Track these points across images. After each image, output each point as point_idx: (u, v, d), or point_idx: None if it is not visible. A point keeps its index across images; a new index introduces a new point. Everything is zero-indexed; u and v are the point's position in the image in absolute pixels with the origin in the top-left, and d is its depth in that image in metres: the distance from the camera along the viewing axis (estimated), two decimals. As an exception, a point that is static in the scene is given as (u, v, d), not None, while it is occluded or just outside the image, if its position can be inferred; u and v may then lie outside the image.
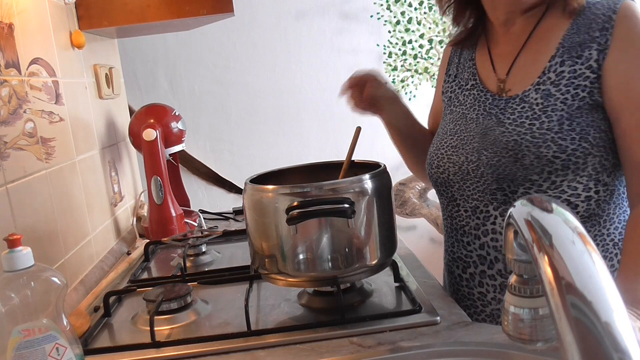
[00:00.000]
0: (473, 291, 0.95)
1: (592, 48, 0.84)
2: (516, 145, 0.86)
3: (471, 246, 0.94)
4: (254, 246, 0.88)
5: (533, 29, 0.91)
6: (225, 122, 2.13)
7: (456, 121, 0.99)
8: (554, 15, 0.90)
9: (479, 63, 1.00)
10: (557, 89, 0.86)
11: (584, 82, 0.84)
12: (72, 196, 1.14)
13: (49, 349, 0.65)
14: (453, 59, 1.08)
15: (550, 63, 0.88)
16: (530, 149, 0.84)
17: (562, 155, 0.82)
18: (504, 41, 0.96)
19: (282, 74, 2.12)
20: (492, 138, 0.89)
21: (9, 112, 0.90)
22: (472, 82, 0.99)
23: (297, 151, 2.16)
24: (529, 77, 0.90)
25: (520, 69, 0.92)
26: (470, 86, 0.99)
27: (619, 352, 0.33)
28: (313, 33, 2.11)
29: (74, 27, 1.27)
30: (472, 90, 0.98)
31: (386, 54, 2.15)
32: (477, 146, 0.92)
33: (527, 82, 0.90)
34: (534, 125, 0.85)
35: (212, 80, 2.09)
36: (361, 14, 2.11)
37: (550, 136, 0.83)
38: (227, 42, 2.07)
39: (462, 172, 0.93)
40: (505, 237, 0.55)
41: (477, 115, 0.95)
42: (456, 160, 0.95)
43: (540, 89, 0.87)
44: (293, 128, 2.16)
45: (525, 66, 0.91)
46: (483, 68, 0.99)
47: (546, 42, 0.90)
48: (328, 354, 0.75)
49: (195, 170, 2.12)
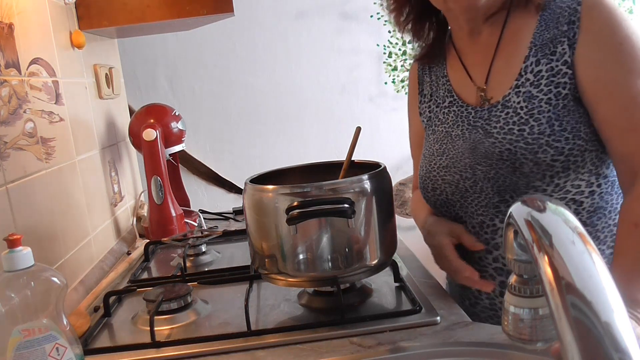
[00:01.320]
0: (495, 301, 0.93)
1: (564, 43, 0.83)
2: (511, 154, 0.84)
3: (484, 261, 0.92)
4: (254, 246, 0.88)
5: (501, 32, 0.90)
6: (225, 122, 2.13)
7: (441, 140, 0.97)
8: (518, 15, 0.89)
9: (452, 78, 0.98)
10: (538, 89, 0.84)
11: (562, 78, 0.83)
12: (72, 196, 1.14)
13: (49, 349, 0.65)
14: (423, 77, 1.05)
15: (525, 64, 0.86)
16: (527, 156, 0.83)
17: (560, 157, 0.82)
18: (475, 50, 0.95)
19: (282, 74, 2.12)
20: (482, 151, 0.88)
21: (9, 112, 0.90)
22: (450, 99, 0.97)
23: (297, 151, 2.16)
24: (506, 81, 0.88)
25: (497, 74, 0.90)
26: (449, 103, 0.97)
27: (619, 352, 0.33)
28: (313, 33, 2.11)
29: (74, 27, 1.27)
30: (451, 107, 0.96)
31: (386, 54, 2.15)
32: (469, 162, 0.90)
33: (505, 86, 0.88)
34: (524, 131, 0.84)
35: (212, 80, 2.09)
36: (361, 14, 2.11)
37: (544, 140, 0.82)
38: (227, 42, 2.07)
39: (460, 190, 0.92)
40: (505, 237, 0.55)
41: (461, 131, 0.93)
42: (451, 179, 0.93)
43: (520, 91, 0.86)
44: (293, 128, 2.16)
45: (500, 70, 0.90)
46: (458, 82, 0.97)
47: (517, 43, 0.88)
48: (328, 354, 0.75)
49: (195, 170, 2.12)
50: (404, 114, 1.18)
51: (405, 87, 2.18)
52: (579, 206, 0.86)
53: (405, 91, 2.18)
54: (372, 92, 2.16)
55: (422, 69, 1.06)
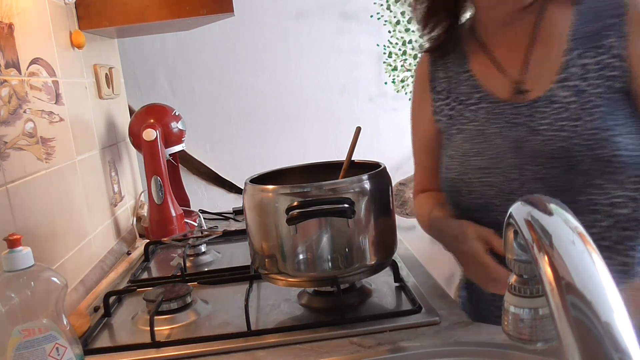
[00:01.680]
0: None
1: (610, 36, 0.79)
2: (564, 151, 0.79)
3: None
4: (254, 246, 0.88)
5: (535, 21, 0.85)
6: (225, 122, 2.13)
7: (472, 140, 0.89)
8: (553, 7, 0.85)
9: (478, 73, 0.92)
10: (587, 83, 0.80)
11: (613, 72, 0.79)
12: (72, 196, 1.14)
13: (49, 349, 0.65)
14: (436, 74, 0.98)
15: (567, 57, 0.81)
16: (585, 153, 0.77)
17: (619, 152, 0.77)
18: (506, 40, 0.89)
19: (282, 74, 2.12)
20: (529, 150, 0.82)
21: (9, 112, 0.90)
22: (478, 96, 0.90)
23: (297, 151, 2.16)
24: (546, 75, 0.83)
25: (536, 66, 0.85)
26: (476, 100, 0.90)
27: (619, 352, 0.33)
28: (313, 33, 2.11)
29: (74, 27, 1.27)
30: (481, 104, 0.90)
31: (386, 54, 2.15)
32: (514, 162, 0.83)
33: (546, 80, 0.83)
34: (578, 127, 0.78)
35: (212, 80, 2.09)
36: (361, 14, 2.11)
37: (601, 135, 0.77)
38: (227, 42, 2.07)
39: (504, 192, 0.84)
40: (505, 237, 0.55)
41: (499, 129, 0.86)
42: (493, 181, 0.85)
43: (567, 85, 0.81)
44: (293, 128, 2.16)
45: (539, 63, 0.84)
46: (486, 76, 0.90)
47: (554, 35, 0.84)
48: (328, 354, 0.75)
49: (195, 170, 2.12)
50: (404, 114, 1.17)
51: (405, 87, 2.18)
52: None
53: (405, 91, 2.18)
54: (372, 92, 2.16)
55: (434, 64, 0.99)
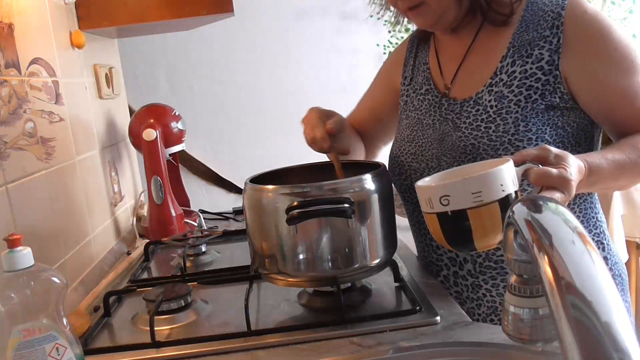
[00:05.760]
0: (450, 291, 0.96)
1: (544, 48, 0.83)
2: (474, 149, 0.86)
3: (440, 250, 0.95)
4: (254, 246, 0.88)
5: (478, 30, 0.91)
6: (225, 122, 2.13)
7: (412, 127, 0.98)
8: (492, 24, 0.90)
9: (432, 67, 0.99)
10: (509, 90, 0.85)
11: (535, 83, 0.84)
12: (72, 196, 1.14)
13: (49, 349, 0.65)
14: (408, 60, 1.06)
15: (501, 63, 0.87)
16: (488, 152, 0.84)
17: None
18: (451, 45, 0.96)
19: (282, 74, 2.12)
20: (449, 143, 0.89)
21: (9, 112, 0.90)
22: (427, 87, 0.98)
23: (297, 151, 2.16)
24: (481, 79, 0.89)
25: (471, 71, 0.91)
26: (425, 91, 0.98)
27: (619, 352, 0.33)
28: (313, 33, 2.11)
29: (74, 27, 1.27)
30: (427, 95, 0.98)
31: (386, 54, 2.15)
32: (436, 153, 0.92)
33: (479, 83, 0.89)
34: (490, 129, 0.85)
35: (212, 80, 2.09)
36: (361, 14, 2.11)
37: (507, 138, 0.83)
38: (227, 42, 2.07)
39: None
40: (506, 237, 0.55)
41: (433, 121, 0.94)
42: (417, 167, 0.95)
43: (493, 90, 0.87)
44: (293, 128, 2.14)
45: (477, 67, 0.91)
46: (435, 72, 0.98)
47: (496, 41, 0.89)
48: (328, 354, 0.75)
49: (195, 170, 2.12)
50: (404, 114, 1.17)
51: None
52: None
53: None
54: (372, 92, 2.16)
55: (410, 50, 1.07)
